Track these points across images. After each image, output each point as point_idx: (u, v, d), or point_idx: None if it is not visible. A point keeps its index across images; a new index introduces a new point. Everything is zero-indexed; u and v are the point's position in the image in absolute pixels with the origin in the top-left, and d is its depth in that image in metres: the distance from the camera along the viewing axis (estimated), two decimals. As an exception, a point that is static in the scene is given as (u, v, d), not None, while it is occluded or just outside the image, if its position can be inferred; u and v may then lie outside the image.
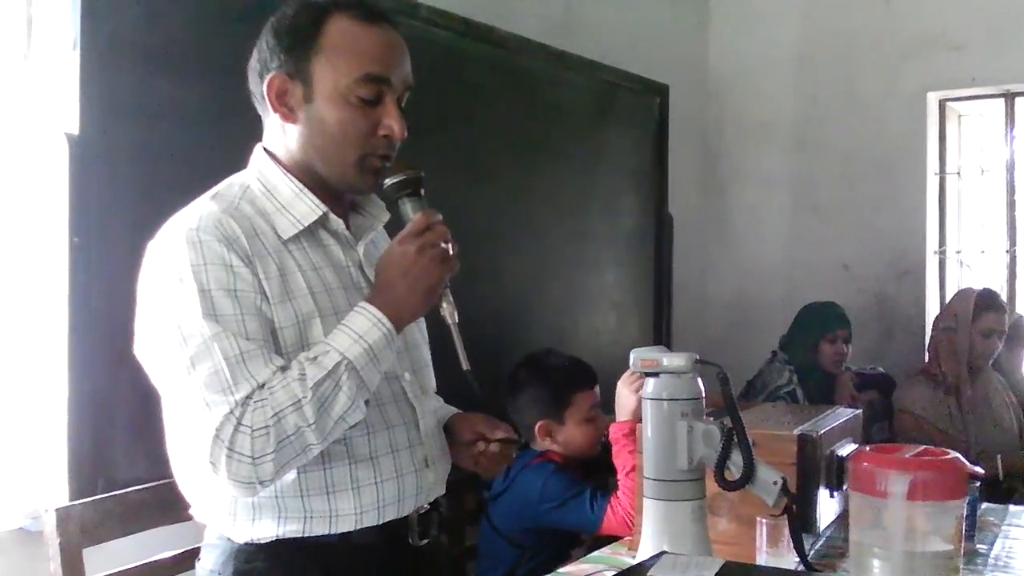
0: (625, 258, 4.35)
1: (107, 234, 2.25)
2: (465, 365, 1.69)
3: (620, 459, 2.73)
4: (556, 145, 3.89)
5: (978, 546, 2.36)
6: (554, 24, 3.96)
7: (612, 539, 2.55)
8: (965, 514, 2.07)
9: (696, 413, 1.75)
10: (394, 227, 1.73)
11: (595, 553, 2.39)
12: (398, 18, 2.95)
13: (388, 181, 1.71)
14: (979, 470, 2.19)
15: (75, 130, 2.24)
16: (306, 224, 1.71)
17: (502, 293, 3.56)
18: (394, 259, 1.65)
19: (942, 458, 1.85)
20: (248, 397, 1.53)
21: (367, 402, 1.62)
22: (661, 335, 4.57)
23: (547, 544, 2.83)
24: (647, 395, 1.79)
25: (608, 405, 2.86)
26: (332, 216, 1.74)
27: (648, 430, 1.78)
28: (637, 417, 2.74)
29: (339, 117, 1.69)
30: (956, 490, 1.82)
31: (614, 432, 2.78)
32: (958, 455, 1.89)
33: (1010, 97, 4.80)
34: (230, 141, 1.85)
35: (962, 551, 1.88)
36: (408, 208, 1.71)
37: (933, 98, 4.87)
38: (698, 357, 1.76)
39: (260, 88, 1.72)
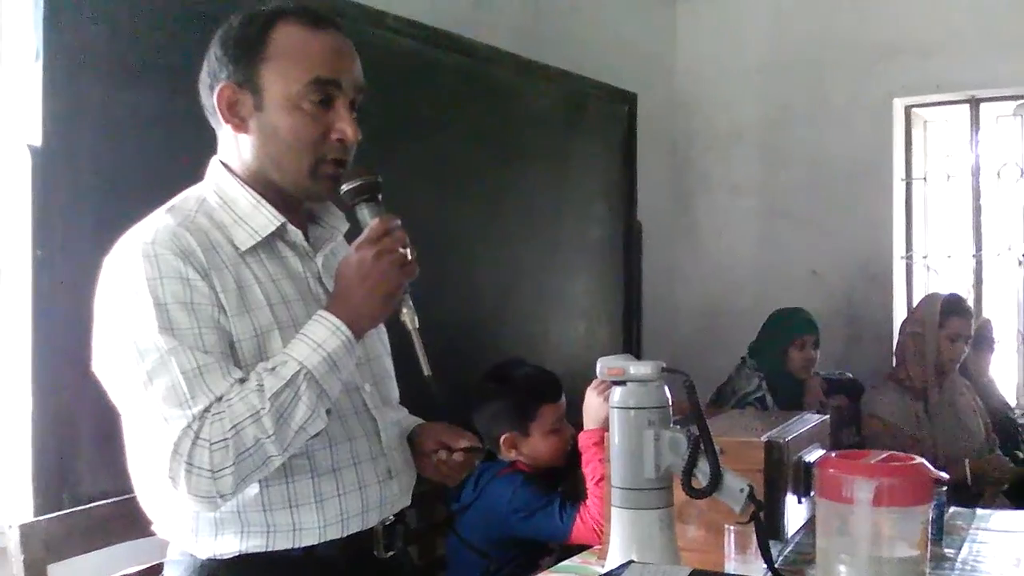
0: (595, 266, 4.36)
1: (70, 247, 2.23)
2: (426, 371, 1.68)
3: (590, 468, 2.73)
4: (525, 154, 3.89)
5: (946, 550, 2.37)
6: (522, 33, 3.97)
7: (582, 548, 2.55)
8: (932, 518, 2.09)
9: (663, 421, 1.75)
10: (354, 235, 1.72)
11: (564, 562, 2.38)
12: (365, 27, 2.99)
13: (345, 186, 1.71)
14: (944, 475, 2.21)
15: (38, 142, 2.22)
16: (263, 235, 1.70)
17: (472, 301, 3.56)
18: (352, 265, 1.64)
19: (907, 464, 1.86)
20: (206, 410, 1.52)
21: (328, 411, 1.61)
22: (631, 342, 4.58)
23: (516, 554, 2.82)
24: (614, 404, 1.79)
25: (576, 413, 2.86)
26: (290, 227, 1.74)
27: (615, 439, 1.78)
28: (606, 425, 2.75)
29: (291, 123, 1.68)
30: (921, 496, 1.83)
31: (583, 441, 2.77)
32: (923, 461, 1.90)
33: (975, 103, 4.85)
34: (194, 153, 1.83)
35: (929, 556, 1.89)
36: (366, 213, 1.70)
37: (899, 104, 4.91)
38: (664, 365, 1.77)
39: (211, 100, 1.71)
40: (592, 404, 2.78)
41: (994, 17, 4.57)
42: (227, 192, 1.72)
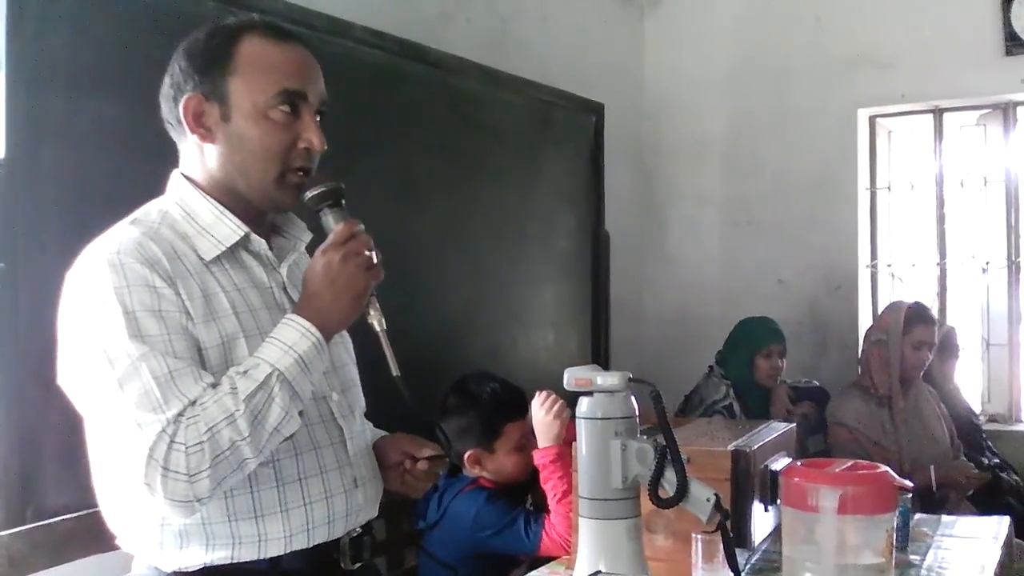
0: (562, 276, 4.36)
1: (34, 259, 2.21)
2: (395, 371, 1.70)
3: (549, 485, 2.72)
4: (492, 164, 3.90)
5: (911, 557, 2.40)
6: (489, 43, 3.97)
7: (551, 558, 2.55)
8: (897, 526, 2.11)
9: (630, 431, 1.75)
10: (317, 243, 1.73)
11: (533, 573, 2.39)
12: (333, 38, 2.99)
13: (309, 193, 1.72)
14: (908, 483, 2.23)
15: (0, 153, 2.20)
16: (228, 245, 1.71)
17: (440, 312, 3.55)
18: (319, 269, 1.65)
19: (871, 472, 1.88)
20: (180, 414, 1.52)
21: (301, 413, 1.62)
22: (599, 352, 4.58)
23: (487, 568, 2.80)
24: (581, 414, 1.79)
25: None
26: (254, 237, 1.75)
27: (582, 449, 1.78)
28: (559, 441, 2.75)
29: (259, 133, 1.69)
30: (886, 504, 1.85)
31: (539, 459, 2.76)
32: (888, 469, 1.92)
33: (938, 113, 4.89)
34: (159, 165, 1.82)
35: (894, 563, 1.91)
36: (330, 219, 1.72)
37: (863, 114, 4.95)
38: (631, 376, 1.77)
39: (175, 112, 1.72)
40: (544, 421, 2.78)
41: (957, 28, 4.62)
42: (189, 204, 1.73)
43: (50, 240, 2.23)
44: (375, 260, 1.68)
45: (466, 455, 2.85)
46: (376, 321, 1.71)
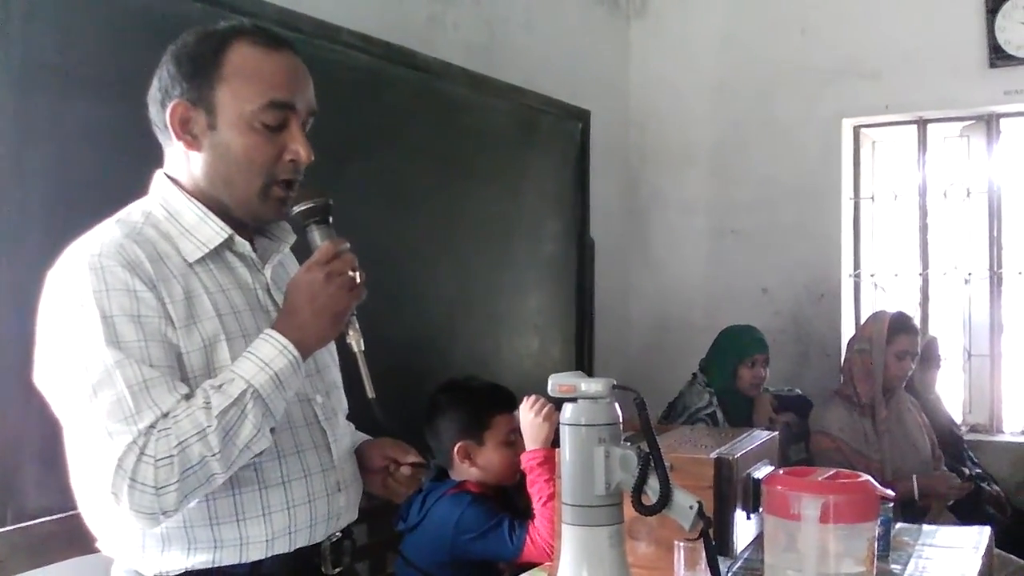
0: (547, 282, 4.36)
1: (18, 259, 2.19)
2: (370, 393, 1.70)
3: (535, 488, 2.71)
4: (478, 170, 3.90)
5: (892, 566, 2.40)
6: (476, 49, 3.97)
7: (532, 565, 2.55)
8: (879, 535, 2.11)
9: (614, 438, 1.75)
10: (302, 253, 1.72)
11: (515, 580, 2.39)
12: (321, 42, 2.99)
13: (296, 208, 1.72)
14: (890, 492, 2.23)
15: (-16, 153, 2.19)
16: (211, 247, 1.70)
17: (424, 318, 3.55)
18: (301, 286, 1.65)
19: (854, 481, 1.89)
20: (151, 426, 1.51)
21: (273, 430, 1.61)
22: (584, 358, 4.59)
23: (466, 574, 2.79)
24: (565, 421, 1.78)
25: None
26: (238, 238, 1.73)
27: (566, 455, 1.78)
28: (548, 444, 2.75)
29: (244, 143, 1.68)
30: (868, 513, 1.86)
31: (527, 461, 2.76)
32: (869, 478, 1.93)
33: (922, 123, 4.91)
34: (145, 165, 1.81)
35: (875, 572, 1.91)
36: (316, 236, 1.71)
37: (848, 124, 4.97)
38: (615, 383, 1.77)
39: (162, 116, 1.70)
40: (533, 423, 2.78)
41: (942, 40, 4.64)
42: (173, 205, 1.71)
43: (32, 240, 2.22)
44: (358, 280, 1.67)
45: (456, 448, 2.85)
46: (355, 342, 1.71)
